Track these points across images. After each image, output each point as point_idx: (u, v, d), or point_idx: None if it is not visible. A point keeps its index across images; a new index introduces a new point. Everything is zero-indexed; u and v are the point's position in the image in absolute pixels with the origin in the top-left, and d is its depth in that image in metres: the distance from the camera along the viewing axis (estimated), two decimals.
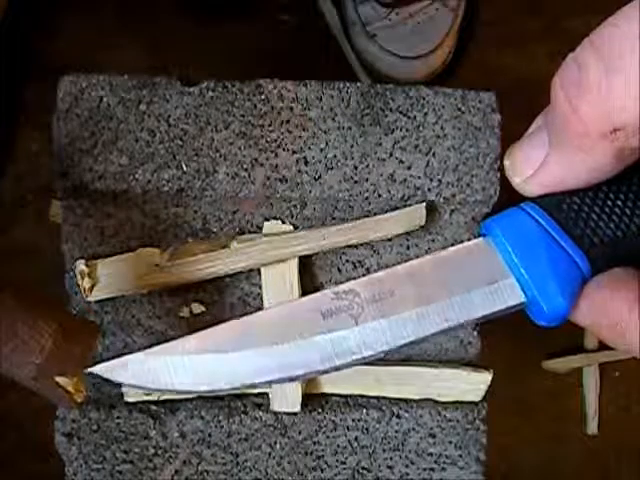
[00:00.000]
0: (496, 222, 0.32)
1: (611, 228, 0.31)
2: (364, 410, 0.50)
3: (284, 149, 0.48)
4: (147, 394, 0.48)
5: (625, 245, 0.31)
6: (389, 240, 0.49)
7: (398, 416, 0.50)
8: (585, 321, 0.31)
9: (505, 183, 0.49)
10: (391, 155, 0.49)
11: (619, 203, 0.31)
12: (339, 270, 0.50)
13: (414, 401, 0.50)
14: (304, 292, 0.49)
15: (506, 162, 0.32)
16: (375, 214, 0.49)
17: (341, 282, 0.32)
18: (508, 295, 0.31)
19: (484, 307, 0.31)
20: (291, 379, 0.31)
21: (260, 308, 0.49)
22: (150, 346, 0.32)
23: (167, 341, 0.32)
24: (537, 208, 0.31)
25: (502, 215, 0.32)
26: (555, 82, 0.28)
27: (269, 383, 0.31)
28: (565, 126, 0.28)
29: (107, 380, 0.32)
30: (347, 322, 0.31)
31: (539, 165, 0.31)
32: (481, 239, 0.32)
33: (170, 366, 0.32)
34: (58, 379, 0.36)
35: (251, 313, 0.32)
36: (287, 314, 0.32)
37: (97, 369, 0.32)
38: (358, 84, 0.49)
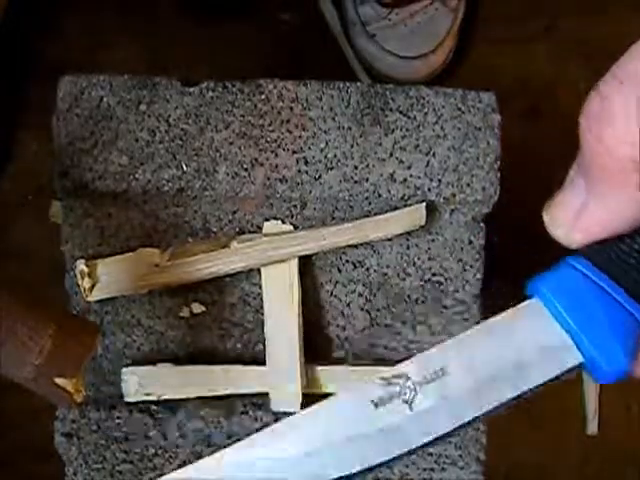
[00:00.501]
0: (543, 281, 0.31)
1: None
2: None
3: (284, 149, 0.48)
4: (147, 394, 0.48)
5: None
6: (389, 240, 0.49)
7: None
8: None
9: (505, 183, 0.49)
10: (391, 155, 0.49)
11: None
12: (339, 270, 0.50)
13: None
14: (304, 292, 0.49)
15: (545, 217, 0.31)
16: (375, 214, 0.49)
17: (341, 283, 0.31)
18: (565, 358, 0.30)
19: (541, 374, 0.30)
20: (349, 477, 0.30)
21: (260, 308, 0.49)
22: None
23: (170, 343, 0.32)
24: (584, 261, 0.30)
25: (549, 273, 0.31)
26: (581, 119, 0.27)
27: None
28: (595, 162, 0.27)
29: None
30: (401, 409, 0.30)
31: (579, 212, 0.29)
32: (529, 301, 0.31)
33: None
34: (57, 379, 0.36)
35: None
36: (339, 409, 0.30)
37: None
38: (358, 84, 0.49)
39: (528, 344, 0.30)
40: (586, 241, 0.30)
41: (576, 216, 0.29)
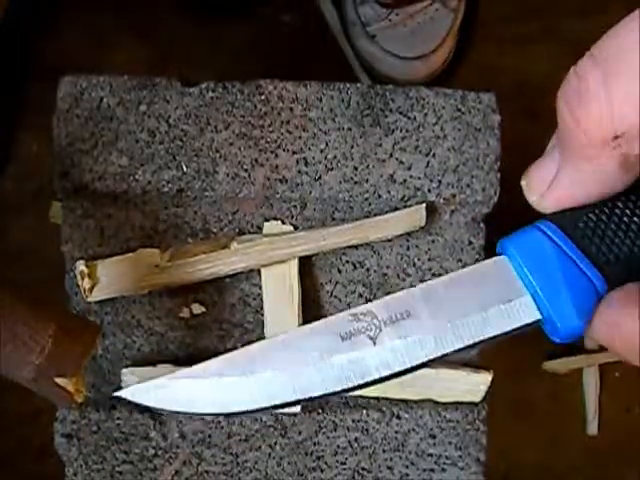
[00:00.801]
0: (511, 241, 0.32)
1: (627, 245, 0.31)
2: (364, 411, 0.50)
3: (284, 150, 0.48)
4: None
5: None
6: (389, 241, 0.49)
7: (398, 417, 0.50)
8: (598, 338, 0.31)
9: (505, 184, 0.49)
10: (391, 156, 0.49)
11: (635, 219, 0.31)
12: (339, 271, 0.50)
13: (414, 402, 0.50)
14: (304, 292, 0.49)
15: (523, 182, 0.33)
16: (375, 215, 0.49)
17: (341, 283, 0.33)
18: (524, 313, 0.32)
19: (500, 325, 0.32)
20: (311, 399, 0.32)
21: (260, 308, 0.49)
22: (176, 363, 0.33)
23: (170, 344, 0.33)
24: (552, 226, 0.31)
25: (517, 234, 0.32)
26: (558, 95, 0.29)
27: (289, 405, 0.32)
28: (569, 137, 0.29)
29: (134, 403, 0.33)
30: (365, 343, 0.32)
31: (551, 181, 0.31)
32: (497, 258, 0.33)
33: (191, 390, 0.33)
34: (58, 379, 0.36)
35: (260, 340, 0.34)
36: (306, 337, 0.32)
37: (123, 393, 0.33)
38: (358, 85, 0.49)
39: (491, 297, 0.32)
40: (556, 209, 0.31)
41: (548, 185, 0.31)
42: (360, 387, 0.32)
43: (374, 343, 0.32)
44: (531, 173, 0.32)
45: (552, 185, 0.31)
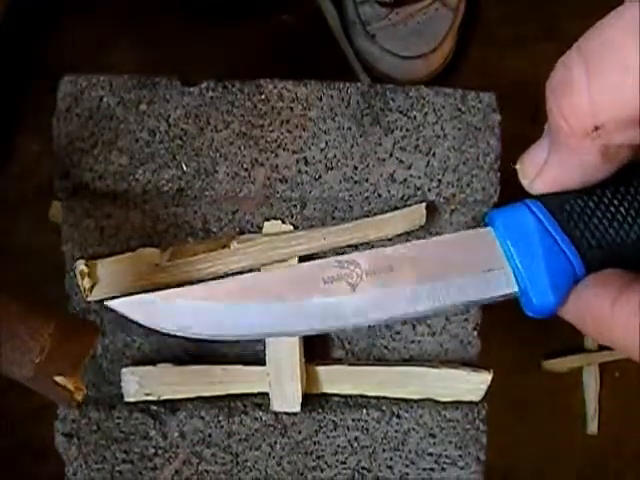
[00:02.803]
0: (499, 214, 0.34)
1: (610, 234, 0.32)
2: (364, 410, 0.50)
3: (284, 149, 0.48)
4: (147, 394, 0.48)
5: (622, 250, 0.32)
6: (389, 240, 0.49)
7: (398, 416, 0.50)
8: (570, 317, 0.32)
9: (505, 183, 0.49)
10: (391, 155, 0.49)
11: (622, 210, 0.32)
12: None
13: (414, 401, 0.50)
14: None
15: (517, 166, 0.34)
16: (375, 214, 0.49)
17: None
18: (501, 284, 0.33)
19: (477, 292, 0.33)
20: (290, 334, 0.35)
21: None
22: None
23: (170, 343, 0.33)
24: (540, 206, 0.33)
25: (506, 208, 0.34)
26: (547, 85, 0.30)
27: (268, 336, 0.36)
28: (554, 126, 0.30)
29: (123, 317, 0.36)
30: (345, 289, 0.34)
31: (541, 166, 0.32)
32: (484, 229, 0.34)
33: (177, 309, 0.35)
34: (58, 378, 0.36)
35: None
36: (292, 275, 0.35)
37: (113, 304, 0.36)
38: (358, 84, 0.49)
39: (472, 264, 0.34)
40: (545, 192, 0.33)
41: (538, 169, 0.33)
42: (337, 329, 0.35)
43: (353, 290, 0.34)
44: (525, 157, 0.34)
45: (542, 170, 0.32)
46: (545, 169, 0.32)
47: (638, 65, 0.26)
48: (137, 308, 0.36)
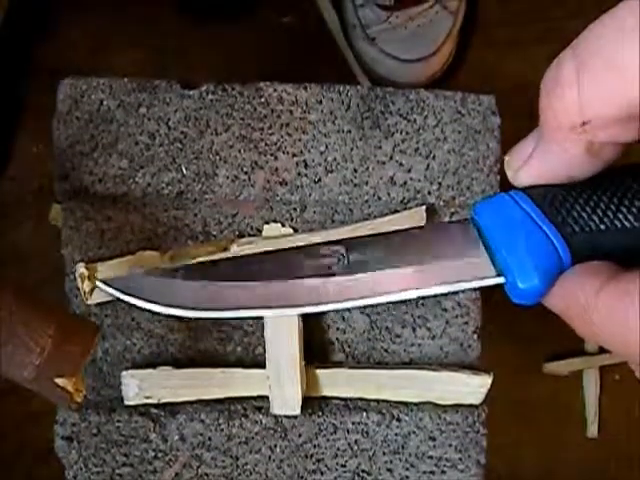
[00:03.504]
0: (484, 205, 0.34)
1: (594, 220, 0.32)
2: (364, 413, 0.50)
3: (284, 152, 0.48)
4: (147, 397, 0.48)
5: (607, 237, 0.32)
6: None
7: (398, 419, 0.50)
8: (556, 306, 0.32)
9: (505, 186, 0.49)
10: (391, 158, 0.49)
11: (604, 198, 0.32)
12: None
13: (414, 404, 0.50)
14: None
15: (505, 157, 0.35)
16: (375, 217, 0.49)
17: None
18: (485, 272, 0.34)
19: (459, 279, 0.34)
20: (271, 315, 0.37)
21: None
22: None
23: (170, 346, 0.34)
24: (524, 196, 0.33)
25: (490, 199, 0.34)
26: (542, 80, 0.31)
27: (253, 316, 0.37)
28: (543, 119, 0.31)
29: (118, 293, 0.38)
30: (328, 273, 0.35)
31: (526, 158, 0.33)
32: (468, 219, 0.35)
33: (166, 287, 0.36)
34: (57, 380, 0.36)
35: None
36: (275, 257, 0.36)
37: (100, 284, 0.38)
38: (358, 87, 0.49)
39: (457, 255, 0.34)
40: (528, 184, 0.34)
41: (524, 161, 0.33)
42: (314, 310, 0.36)
43: (334, 274, 0.35)
44: (513, 149, 0.34)
45: (527, 162, 0.33)
46: (530, 162, 0.33)
47: (627, 65, 0.27)
48: (129, 287, 0.38)
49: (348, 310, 0.50)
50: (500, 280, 0.34)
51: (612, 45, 0.27)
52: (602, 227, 0.32)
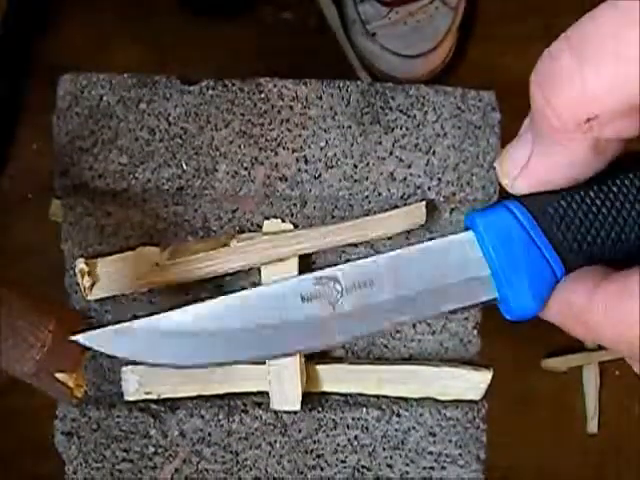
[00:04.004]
0: (479, 217, 0.33)
1: (592, 234, 0.31)
2: (364, 409, 0.50)
3: (284, 148, 0.48)
4: (147, 393, 0.48)
5: (602, 252, 0.32)
6: (389, 239, 0.49)
7: (398, 415, 0.50)
8: (553, 318, 0.32)
9: None
10: (391, 154, 0.49)
11: (603, 210, 0.31)
12: None
13: (414, 400, 0.50)
14: None
15: (495, 164, 0.33)
16: (375, 213, 0.49)
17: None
18: (481, 291, 0.33)
19: (457, 300, 0.33)
20: (270, 357, 0.34)
21: None
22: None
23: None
24: (521, 208, 0.32)
25: (486, 211, 0.33)
26: (531, 77, 0.29)
27: (248, 362, 0.35)
28: (541, 120, 0.29)
29: (90, 349, 0.34)
30: (325, 308, 0.33)
31: (524, 165, 0.31)
32: (464, 233, 0.33)
33: (152, 340, 0.33)
34: (58, 375, 0.36)
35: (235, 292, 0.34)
36: (269, 296, 0.33)
37: (80, 338, 0.33)
38: (358, 83, 0.49)
39: (453, 272, 0.33)
40: (528, 192, 0.32)
41: (520, 169, 0.31)
42: (317, 349, 0.34)
43: (333, 308, 0.33)
44: (504, 157, 0.32)
45: (524, 169, 0.31)
46: (528, 167, 0.31)
47: (633, 53, 0.25)
48: (108, 341, 0.34)
49: None
50: (496, 298, 0.33)
51: (616, 34, 0.26)
52: (599, 241, 0.31)
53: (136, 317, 0.34)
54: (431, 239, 0.35)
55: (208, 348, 0.33)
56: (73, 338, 0.34)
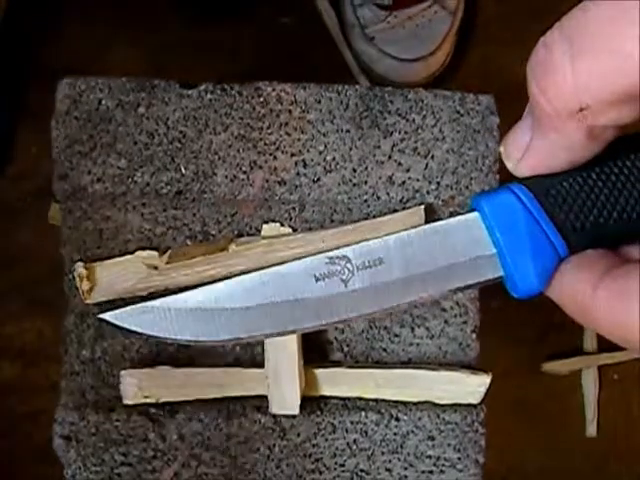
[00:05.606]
0: (485, 199, 0.34)
1: (594, 214, 0.32)
2: (363, 413, 0.50)
3: (283, 152, 0.49)
4: (146, 396, 0.48)
5: (604, 231, 0.32)
6: None
7: (397, 419, 0.50)
8: (555, 297, 0.32)
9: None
10: (390, 158, 0.49)
11: (605, 190, 0.32)
12: None
13: (413, 404, 0.50)
14: None
15: (501, 148, 0.34)
16: (374, 217, 0.49)
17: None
18: (488, 269, 0.34)
19: (465, 279, 0.34)
20: (284, 334, 0.35)
21: None
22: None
23: (168, 346, 0.34)
24: (525, 190, 0.33)
25: (491, 193, 0.34)
26: (527, 66, 0.29)
27: (264, 337, 0.35)
28: (537, 108, 0.29)
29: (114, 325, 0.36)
30: (337, 286, 0.34)
31: (525, 148, 0.32)
32: (470, 214, 0.35)
33: (173, 316, 0.35)
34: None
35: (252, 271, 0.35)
36: (283, 275, 0.35)
37: (107, 316, 0.36)
38: (357, 87, 0.49)
39: (460, 251, 0.34)
40: (530, 174, 0.33)
41: (523, 152, 0.32)
42: (330, 325, 0.35)
43: (345, 286, 0.34)
44: (508, 140, 0.33)
45: (526, 152, 0.32)
46: (529, 151, 0.32)
47: (627, 46, 0.26)
48: (132, 318, 0.36)
49: None
50: (501, 277, 0.34)
51: (608, 25, 0.26)
52: (601, 221, 0.32)
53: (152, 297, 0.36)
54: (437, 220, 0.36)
55: (226, 325, 0.34)
56: (100, 316, 0.36)
